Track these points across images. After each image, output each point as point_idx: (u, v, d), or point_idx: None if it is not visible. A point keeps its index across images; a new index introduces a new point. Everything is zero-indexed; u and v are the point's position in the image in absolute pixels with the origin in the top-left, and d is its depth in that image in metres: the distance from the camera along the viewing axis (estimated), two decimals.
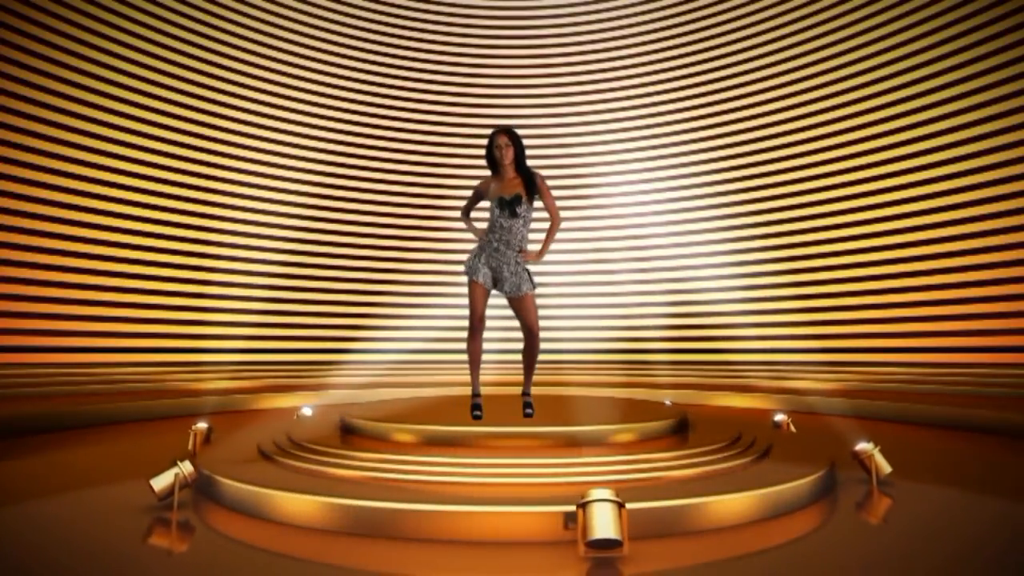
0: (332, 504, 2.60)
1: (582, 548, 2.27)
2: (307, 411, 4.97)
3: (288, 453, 3.46)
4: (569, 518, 2.39)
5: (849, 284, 8.62)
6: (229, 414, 6.74)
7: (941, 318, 7.79)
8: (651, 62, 10.91)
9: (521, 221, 3.80)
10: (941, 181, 7.99)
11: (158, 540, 2.55)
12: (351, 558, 2.34)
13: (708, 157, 10.23)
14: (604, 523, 2.24)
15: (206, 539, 2.57)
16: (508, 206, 3.77)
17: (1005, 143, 7.47)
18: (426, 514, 2.52)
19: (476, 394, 3.95)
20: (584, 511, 2.28)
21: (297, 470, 3.20)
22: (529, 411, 3.85)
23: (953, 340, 7.63)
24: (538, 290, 3.92)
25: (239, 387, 7.55)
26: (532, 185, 3.82)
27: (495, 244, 3.82)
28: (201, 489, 3.17)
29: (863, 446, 3.35)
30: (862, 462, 3.35)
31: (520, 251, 3.79)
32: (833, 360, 8.48)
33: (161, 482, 2.85)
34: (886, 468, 3.31)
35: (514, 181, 3.83)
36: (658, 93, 10.78)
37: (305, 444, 3.50)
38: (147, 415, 6.23)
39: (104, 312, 8.04)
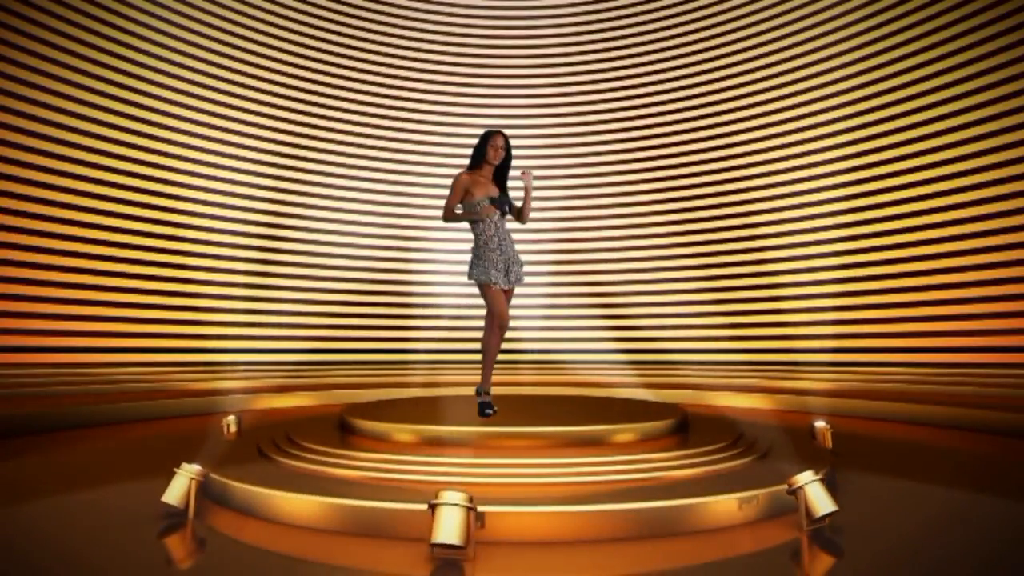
0: (332, 504, 2.60)
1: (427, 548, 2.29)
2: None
3: (288, 453, 3.46)
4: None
5: (849, 284, 8.61)
6: (228, 414, 6.73)
7: (942, 318, 7.78)
8: (652, 62, 10.89)
9: (504, 220, 4.06)
10: (941, 181, 7.98)
11: (156, 540, 2.54)
12: (351, 558, 2.33)
13: (708, 156, 10.22)
14: (448, 528, 2.26)
15: (204, 539, 2.56)
16: (500, 206, 3.93)
17: (1005, 143, 7.46)
18: (426, 514, 2.51)
19: (486, 392, 3.99)
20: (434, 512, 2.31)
21: (297, 470, 3.20)
22: (490, 412, 3.87)
23: (954, 340, 7.62)
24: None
25: (239, 387, 7.55)
26: (505, 185, 4.08)
27: (497, 243, 3.93)
28: (200, 489, 3.17)
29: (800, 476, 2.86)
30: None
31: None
32: (833, 360, 8.47)
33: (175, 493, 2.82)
34: (821, 508, 2.69)
35: (491, 183, 4.00)
36: (658, 93, 10.77)
37: (305, 444, 3.50)
38: (147, 415, 6.24)
39: (104, 312, 8.03)
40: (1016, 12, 7.44)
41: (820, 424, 4.20)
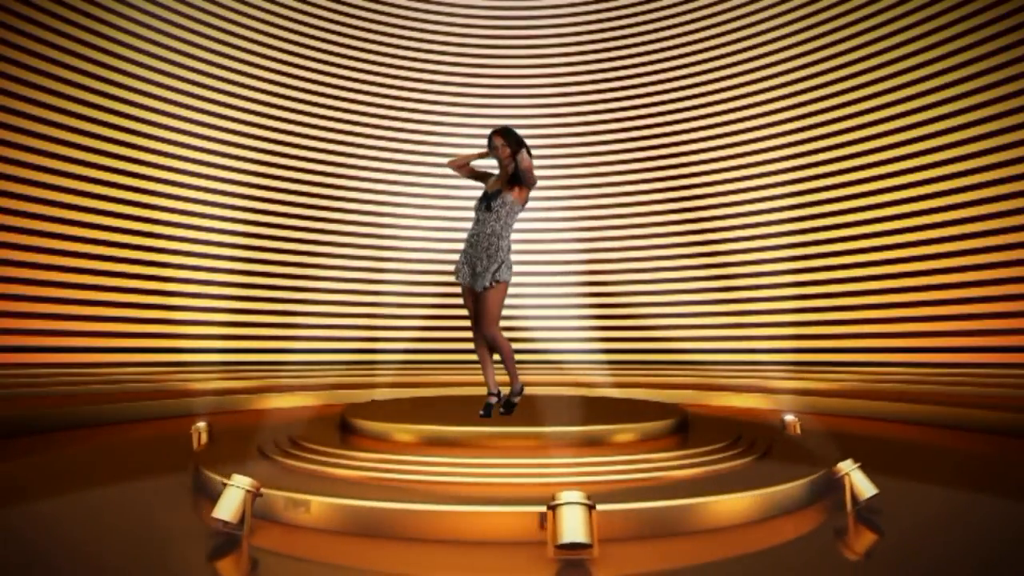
0: (332, 504, 2.60)
1: (551, 549, 2.27)
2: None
3: (288, 453, 3.46)
4: (543, 519, 2.39)
5: (849, 284, 8.61)
6: (229, 414, 6.75)
7: (941, 318, 7.78)
8: (652, 62, 10.90)
9: (494, 216, 3.72)
10: (941, 181, 7.99)
11: (156, 540, 2.54)
12: (351, 558, 2.34)
13: (709, 157, 10.22)
14: (573, 528, 2.24)
15: (204, 538, 2.56)
16: (486, 200, 3.78)
17: (1005, 143, 7.46)
18: (426, 514, 2.51)
19: (489, 392, 3.96)
20: (555, 513, 2.29)
21: (297, 470, 3.20)
22: (501, 410, 3.77)
23: (953, 340, 7.63)
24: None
25: (239, 387, 7.55)
26: (516, 176, 3.74)
27: (470, 239, 3.85)
28: (200, 489, 3.17)
29: (841, 465, 2.95)
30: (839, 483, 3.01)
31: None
32: (833, 360, 8.48)
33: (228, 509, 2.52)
34: (866, 491, 2.89)
35: (506, 179, 3.83)
36: (658, 93, 10.78)
37: (305, 444, 3.50)
38: (147, 415, 6.23)
39: (104, 312, 8.04)
40: (1016, 12, 7.44)
41: (789, 418, 4.72)
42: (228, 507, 2.49)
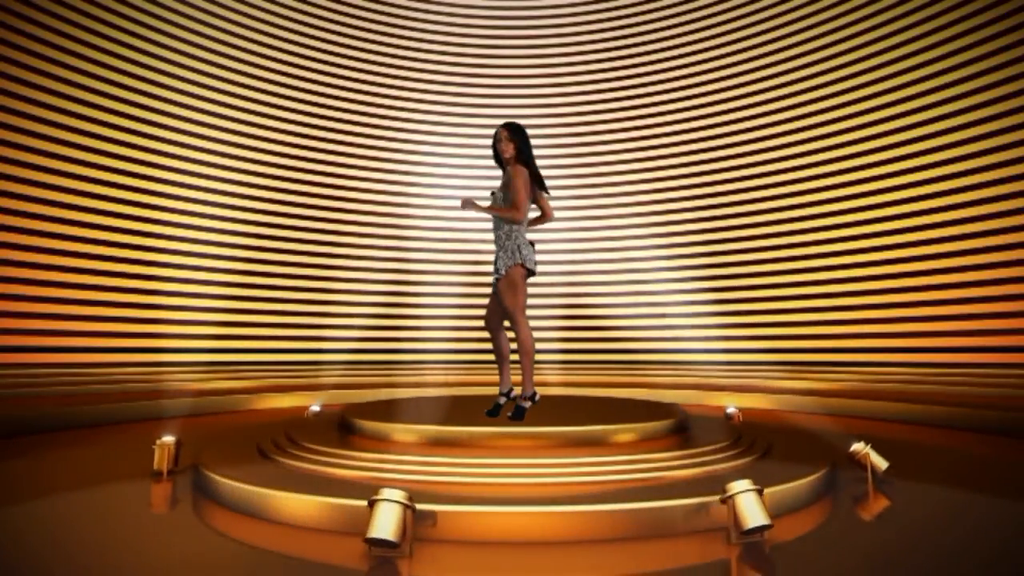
0: (332, 504, 2.60)
1: (735, 535, 2.40)
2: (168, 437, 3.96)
3: (288, 453, 3.46)
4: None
5: (849, 284, 8.62)
6: (228, 414, 6.75)
7: (941, 318, 7.79)
8: (651, 62, 10.90)
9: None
10: (941, 181, 7.99)
11: (157, 541, 2.54)
12: (351, 558, 2.33)
13: (708, 157, 10.22)
14: (754, 512, 2.36)
15: (205, 539, 2.56)
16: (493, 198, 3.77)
17: (1005, 143, 7.46)
18: (426, 514, 2.51)
19: (500, 392, 3.94)
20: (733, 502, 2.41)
21: (297, 470, 3.20)
22: (509, 414, 3.61)
23: (953, 340, 7.63)
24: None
25: (238, 387, 7.55)
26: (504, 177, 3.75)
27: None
28: (200, 489, 3.17)
29: (857, 446, 3.42)
30: (858, 461, 3.41)
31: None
32: (833, 360, 8.48)
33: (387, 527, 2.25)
34: (882, 465, 3.37)
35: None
36: (658, 93, 10.78)
37: (305, 444, 3.50)
38: (147, 415, 6.24)
39: (104, 312, 8.04)
40: (1016, 12, 7.44)
41: (731, 410, 5.22)
42: (387, 525, 2.23)
